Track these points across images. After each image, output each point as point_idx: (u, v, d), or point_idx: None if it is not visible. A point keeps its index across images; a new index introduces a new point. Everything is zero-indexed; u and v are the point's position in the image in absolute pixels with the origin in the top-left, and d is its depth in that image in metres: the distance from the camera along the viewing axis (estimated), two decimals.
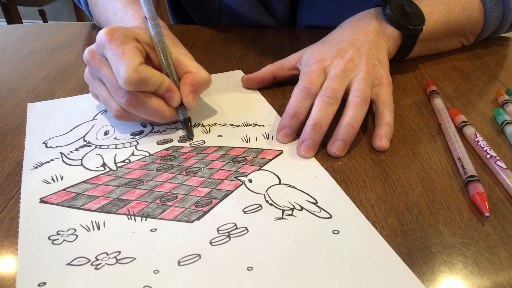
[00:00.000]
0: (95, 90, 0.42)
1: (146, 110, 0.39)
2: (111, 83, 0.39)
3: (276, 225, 0.32)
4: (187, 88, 0.41)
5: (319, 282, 0.28)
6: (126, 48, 0.37)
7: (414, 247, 0.30)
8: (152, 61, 0.43)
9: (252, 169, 0.38)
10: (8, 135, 0.42)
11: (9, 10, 1.78)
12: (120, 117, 0.41)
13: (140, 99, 0.38)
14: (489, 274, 0.29)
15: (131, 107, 0.39)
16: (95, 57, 0.40)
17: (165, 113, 0.40)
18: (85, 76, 0.42)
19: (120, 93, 0.38)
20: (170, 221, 0.32)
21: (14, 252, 0.30)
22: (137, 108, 0.39)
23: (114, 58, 0.37)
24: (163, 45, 0.42)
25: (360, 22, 0.50)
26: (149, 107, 0.39)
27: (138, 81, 0.37)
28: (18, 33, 0.66)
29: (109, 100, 0.40)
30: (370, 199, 0.35)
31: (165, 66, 0.42)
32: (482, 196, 0.33)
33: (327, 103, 0.40)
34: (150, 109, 0.39)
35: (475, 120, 0.45)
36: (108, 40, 0.38)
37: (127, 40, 0.38)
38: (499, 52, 0.61)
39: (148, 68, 0.38)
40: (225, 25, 0.71)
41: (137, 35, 0.41)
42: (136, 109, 0.39)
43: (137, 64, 0.37)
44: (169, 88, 0.40)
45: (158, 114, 0.40)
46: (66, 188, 0.35)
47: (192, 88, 0.41)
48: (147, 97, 0.39)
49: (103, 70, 0.39)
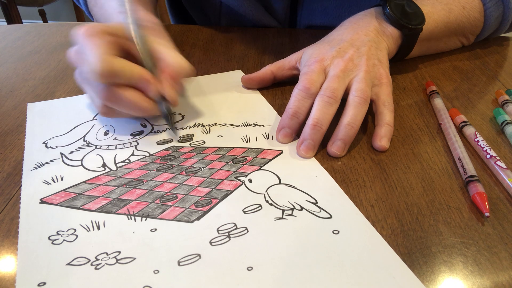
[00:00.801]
0: (84, 91, 0.41)
1: (123, 103, 0.38)
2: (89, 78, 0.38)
3: (276, 225, 0.32)
4: (165, 79, 0.39)
5: (319, 282, 0.28)
6: (98, 41, 0.37)
7: (414, 247, 0.30)
8: (134, 56, 0.41)
9: (252, 169, 0.38)
10: (8, 135, 0.42)
11: (9, 10, 1.78)
12: (105, 113, 0.40)
13: (115, 92, 0.38)
14: (489, 274, 0.29)
15: (107, 101, 0.38)
16: (75, 56, 0.39)
17: (143, 105, 0.39)
18: (75, 78, 0.42)
19: (97, 88, 0.38)
20: (170, 221, 0.32)
21: (14, 252, 0.30)
22: (114, 101, 0.38)
23: (86, 52, 0.37)
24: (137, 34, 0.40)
25: (360, 21, 0.50)
26: (125, 99, 0.38)
27: (108, 71, 0.36)
28: (18, 33, 0.66)
29: (94, 98, 0.40)
30: (370, 199, 0.35)
31: (141, 53, 0.40)
32: (482, 196, 0.33)
33: (327, 103, 0.40)
34: (126, 101, 0.38)
35: (475, 120, 0.45)
36: (83, 36, 0.37)
37: (100, 35, 0.38)
38: (499, 52, 0.61)
39: (120, 59, 0.37)
40: (225, 25, 0.71)
41: (114, 29, 0.40)
42: (113, 103, 0.38)
43: (104, 54, 0.36)
44: (143, 77, 0.38)
45: (135, 106, 0.39)
46: (66, 189, 0.35)
47: (170, 78, 0.39)
48: (122, 90, 0.38)
49: (83, 67, 0.39)
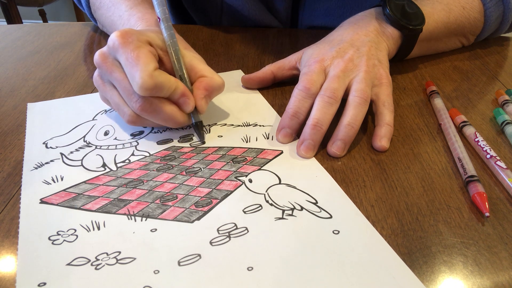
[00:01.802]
0: (106, 95, 0.41)
1: (159, 115, 0.39)
2: (124, 87, 0.38)
3: (276, 225, 0.32)
4: (201, 92, 0.40)
5: (319, 282, 0.28)
6: (140, 52, 0.37)
7: (414, 247, 0.30)
8: (165, 65, 0.42)
9: (252, 169, 0.38)
10: (8, 135, 0.42)
11: (9, 10, 1.78)
12: (133, 122, 0.40)
13: (154, 104, 0.38)
14: (489, 274, 0.29)
15: (144, 113, 0.38)
16: (107, 61, 0.39)
17: (179, 119, 0.40)
18: (94, 80, 0.42)
19: (134, 98, 0.38)
20: (170, 221, 0.32)
21: (14, 252, 0.30)
22: (151, 113, 0.38)
23: (129, 63, 0.36)
24: (176, 47, 0.41)
25: (360, 22, 0.50)
26: (162, 112, 0.38)
27: (153, 87, 0.36)
28: (18, 33, 0.66)
29: (122, 105, 0.39)
30: (370, 199, 0.35)
31: (178, 69, 0.41)
32: (482, 196, 0.33)
33: (327, 103, 0.40)
34: (163, 114, 0.39)
35: (475, 120, 0.45)
36: (121, 43, 0.37)
37: (141, 44, 0.38)
38: (499, 52, 0.61)
39: (163, 74, 0.37)
40: (226, 25, 0.71)
41: (150, 38, 0.40)
42: (150, 114, 0.38)
43: (152, 69, 0.36)
44: (184, 93, 0.39)
45: (171, 119, 0.39)
46: (66, 189, 0.35)
47: (205, 93, 0.41)
48: (161, 103, 0.38)
49: (115, 74, 0.38)
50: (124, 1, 0.53)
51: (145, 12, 0.50)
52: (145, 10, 0.51)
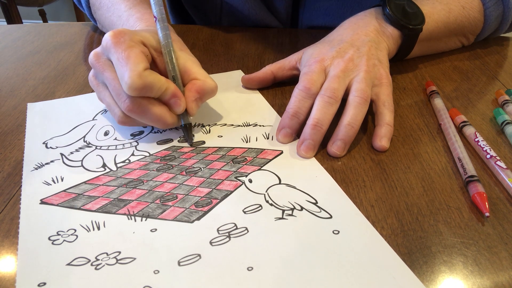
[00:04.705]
0: (100, 95, 0.41)
1: (147, 116, 0.38)
2: (114, 87, 0.38)
3: (276, 225, 0.32)
4: (192, 95, 0.40)
5: (319, 282, 0.28)
6: (131, 52, 0.37)
7: (414, 247, 0.30)
8: (158, 66, 0.42)
9: (252, 169, 0.38)
10: (8, 135, 0.42)
11: (9, 10, 1.78)
12: (123, 122, 0.40)
13: (142, 105, 0.38)
14: (489, 274, 0.29)
15: (132, 113, 0.38)
16: (99, 60, 0.39)
17: (167, 120, 0.39)
18: (89, 80, 0.42)
19: (122, 98, 0.37)
20: (170, 221, 0.32)
21: (14, 252, 0.30)
22: (139, 114, 0.38)
23: (119, 63, 0.36)
24: (170, 48, 0.41)
25: (360, 22, 0.50)
26: (151, 113, 0.38)
27: (142, 87, 0.36)
28: (18, 33, 0.66)
29: (113, 105, 0.39)
30: (370, 199, 0.35)
31: (170, 69, 0.41)
32: (482, 196, 0.33)
33: (327, 103, 0.40)
34: (152, 115, 0.38)
35: (475, 120, 0.45)
36: (114, 43, 0.37)
37: (133, 44, 0.38)
38: (499, 52, 0.61)
39: (153, 74, 0.37)
40: (226, 24, 0.71)
41: (144, 38, 0.40)
42: (138, 115, 0.38)
43: (141, 69, 0.36)
44: (175, 94, 0.39)
45: (160, 120, 0.39)
46: (67, 189, 0.35)
47: (197, 95, 0.40)
48: (150, 104, 0.38)
49: (106, 73, 0.38)
50: (124, 1, 0.53)
51: (144, 12, 0.50)
52: (144, 10, 0.51)
